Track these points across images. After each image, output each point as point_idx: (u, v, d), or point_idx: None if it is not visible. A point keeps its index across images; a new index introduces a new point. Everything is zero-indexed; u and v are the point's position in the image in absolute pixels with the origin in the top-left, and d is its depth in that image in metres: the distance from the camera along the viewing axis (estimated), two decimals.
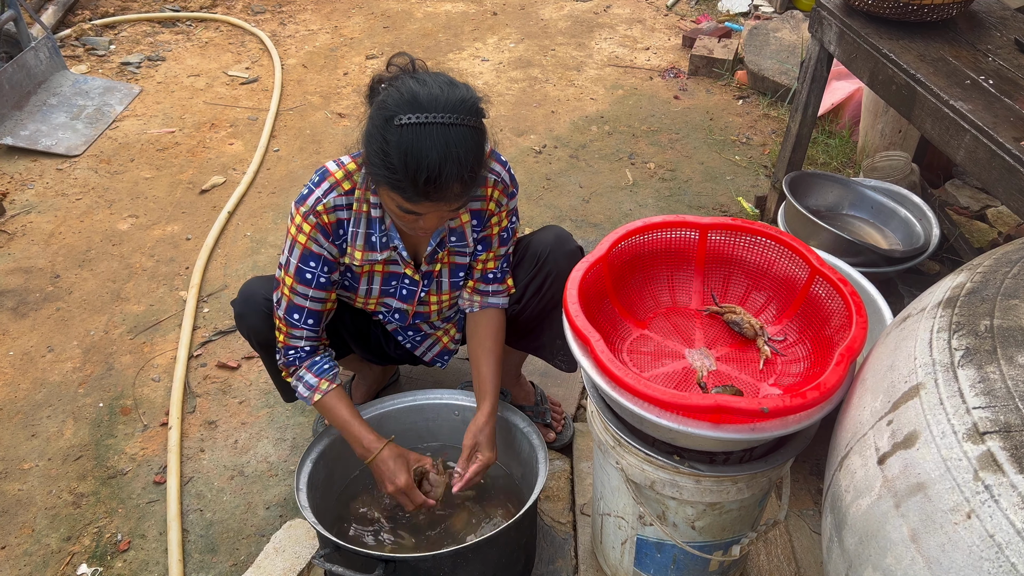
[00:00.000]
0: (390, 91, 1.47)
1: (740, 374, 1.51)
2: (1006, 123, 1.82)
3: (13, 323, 2.65)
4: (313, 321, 1.75)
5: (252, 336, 1.87)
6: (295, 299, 1.72)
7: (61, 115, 3.65)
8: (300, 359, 1.78)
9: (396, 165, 1.42)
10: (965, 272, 1.19)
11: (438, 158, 1.40)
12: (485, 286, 1.86)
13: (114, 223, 3.11)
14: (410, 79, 1.47)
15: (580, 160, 3.54)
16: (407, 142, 1.41)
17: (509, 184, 1.76)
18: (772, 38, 4.13)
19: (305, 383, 1.77)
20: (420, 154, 1.40)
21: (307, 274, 1.69)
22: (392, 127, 1.42)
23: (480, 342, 1.87)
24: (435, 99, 1.42)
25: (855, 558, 1.07)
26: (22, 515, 2.07)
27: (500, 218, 1.78)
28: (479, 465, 1.76)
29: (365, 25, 4.69)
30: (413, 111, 1.42)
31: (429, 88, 1.44)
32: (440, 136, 1.41)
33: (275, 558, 1.89)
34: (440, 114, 1.41)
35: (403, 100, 1.43)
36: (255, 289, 1.84)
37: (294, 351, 1.77)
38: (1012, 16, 2.35)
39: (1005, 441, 0.91)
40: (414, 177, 1.42)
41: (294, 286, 1.70)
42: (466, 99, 1.46)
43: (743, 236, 1.63)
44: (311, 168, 3.45)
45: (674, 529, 1.55)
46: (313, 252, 1.68)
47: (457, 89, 1.47)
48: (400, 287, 1.82)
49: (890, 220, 2.71)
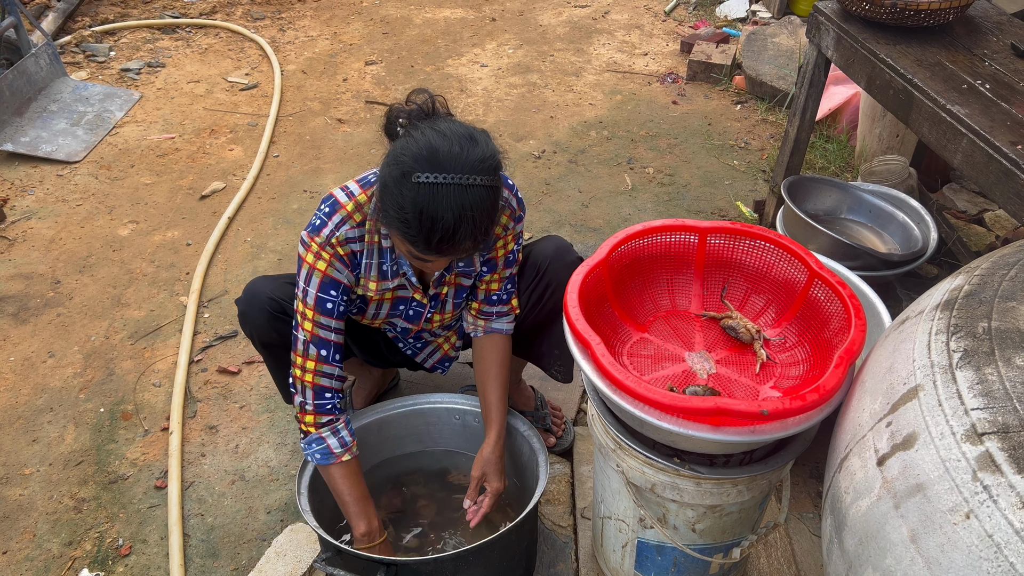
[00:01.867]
0: (408, 141, 1.44)
1: (740, 377, 1.52)
2: (1003, 127, 1.84)
3: (14, 329, 2.66)
4: (340, 357, 1.69)
5: (255, 335, 1.86)
6: (320, 332, 1.65)
7: (61, 121, 3.66)
8: (337, 408, 1.69)
9: (411, 221, 1.41)
10: (963, 275, 1.20)
11: (453, 220, 1.40)
12: (489, 308, 1.85)
13: (114, 229, 3.12)
14: (430, 129, 1.44)
15: (579, 165, 3.55)
16: (423, 201, 1.39)
17: (516, 208, 1.74)
18: (770, 43, 4.15)
19: (340, 438, 1.68)
20: (436, 215, 1.39)
21: (328, 303, 1.64)
22: (408, 183, 1.40)
23: (486, 369, 1.86)
24: (454, 158, 1.40)
25: (855, 559, 1.08)
26: (23, 520, 2.07)
27: (506, 241, 1.77)
28: (491, 499, 1.77)
29: (364, 31, 4.70)
30: (431, 170, 1.39)
31: (449, 145, 1.41)
32: (456, 198, 1.39)
33: (276, 562, 1.90)
34: (458, 175, 1.40)
35: (421, 156, 1.41)
36: (260, 288, 1.83)
37: (330, 395, 1.68)
38: (1008, 21, 2.36)
39: (1003, 442, 0.92)
40: (428, 236, 1.42)
41: (317, 319, 1.64)
42: (485, 158, 1.43)
43: (742, 240, 1.64)
44: (311, 174, 3.46)
45: (675, 532, 1.56)
46: (333, 279, 1.64)
47: (476, 147, 1.44)
48: (408, 309, 1.83)
49: (888, 224, 2.72)
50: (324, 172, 3.47)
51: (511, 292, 1.86)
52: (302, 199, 3.30)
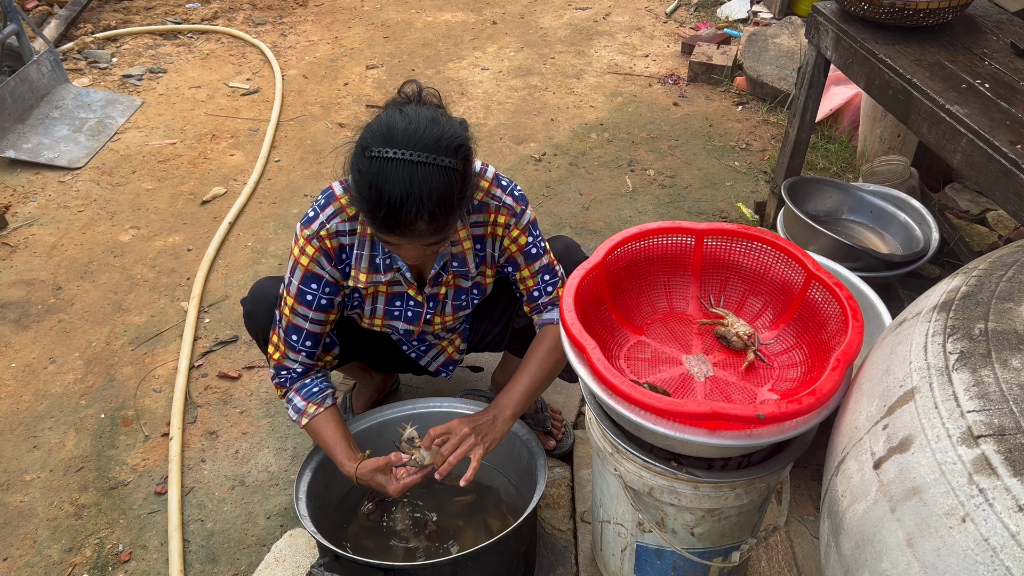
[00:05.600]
0: (374, 121, 1.49)
1: (737, 379, 1.51)
2: (1002, 127, 1.83)
3: (15, 335, 2.66)
4: (311, 343, 1.76)
5: (260, 335, 1.89)
6: (295, 320, 1.73)
7: (63, 128, 3.67)
8: (291, 380, 1.80)
9: (364, 195, 1.45)
10: (960, 276, 1.19)
11: (399, 195, 1.41)
12: (534, 303, 1.84)
13: (116, 235, 3.13)
14: (397, 111, 1.48)
15: (580, 167, 3.54)
16: (373, 174, 1.42)
17: (514, 205, 1.73)
18: (771, 44, 4.14)
19: (294, 406, 1.79)
20: (383, 188, 1.41)
21: (308, 295, 1.70)
22: (364, 158, 1.44)
23: (528, 352, 1.84)
24: (409, 135, 1.42)
25: (852, 563, 1.07)
26: (24, 527, 2.08)
27: (512, 238, 1.76)
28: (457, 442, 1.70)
29: (365, 35, 4.71)
30: (385, 144, 1.43)
31: (408, 123, 1.44)
32: (405, 173, 1.41)
33: (276, 568, 1.89)
34: (409, 151, 1.41)
35: (379, 132, 1.45)
36: (266, 288, 1.86)
37: (286, 371, 1.79)
38: (1008, 20, 2.35)
39: (999, 444, 0.91)
40: (375, 209, 1.44)
41: (295, 307, 1.72)
42: (443, 138, 1.44)
43: (739, 241, 1.63)
44: (312, 178, 3.46)
45: (673, 536, 1.55)
46: (315, 274, 1.69)
47: (438, 126, 1.45)
48: (405, 308, 1.83)
49: (889, 224, 2.71)
50: (325, 177, 3.47)
51: (554, 283, 1.82)
52: (303, 204, 3.30)
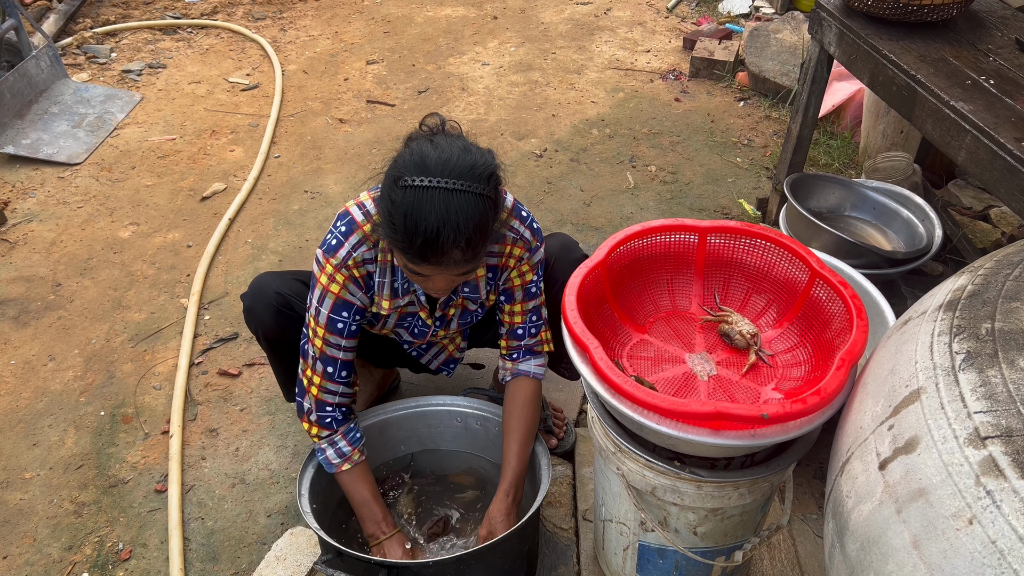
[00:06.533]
0: (404, 152, 1.48)
1: (741, 378, 1.50)
2: (1007, 123, 1.81)
3: (15, 332, 2.65)
4: (347, 373, 1.73)
5: (260, 331, 1.87)
6: (328, 350, 1.69)
7: (62, 123, 3.66)
8: (337, 422, 1.75)
9: (397, 225, 1.43)
10: (966, 275, 1.18)
11: (436, 223, 1.40)
12: (516, 343, 1.84)
13: (115, 231, 3.12)
14: (427, 142, 1.47)
15: (581, 164, 3.53)
16: (408, 204, 1.41)
17: (531, 240, 1.73)
18: (773, 39, 4.12)
19: (338, 449, 1.74)
20: (419, 217, 1.40)
21: (339, 324, 1.68)
22: (397, 188, 1.43)
23: (509, 413, 1.83)
24: (444, 164, 1.42)
25: (857, 565, 1.06)
26: (23, 525, 2.07)
27: (520, 272, 1.76)
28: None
29: (365, 31, 4.69)
30: (419, 174, 1.41)
31: (440, 152, 1.44)
32: (441, 201, 1.40)
33: (276, 566, 1.89)
34: (445, 179, 1.41)
35: (412, 162, 1.43)
36: (266, 283, 1.84)
37: (331, 409, 1.74)
38: (1013, 15, 2.34)
39: (1007, 446, 0.90)
40: (411, 239, 1.42)
41: (327, 337, 1.68)
42: (476, 165, 1.44)
43: (742, 239, 1.62)
44: (312, 174, 3.45)
45: (676, 535, 1.54)
46: (346, 301, 1.67)
47: (470, 155, 1.45)
48: (414, 325, 1.84)
49: (892, 221, 2.70)
50: (325, 172, 3.46)
51: (539, 326, 1.84)
52: (303, 200, 3.29)
